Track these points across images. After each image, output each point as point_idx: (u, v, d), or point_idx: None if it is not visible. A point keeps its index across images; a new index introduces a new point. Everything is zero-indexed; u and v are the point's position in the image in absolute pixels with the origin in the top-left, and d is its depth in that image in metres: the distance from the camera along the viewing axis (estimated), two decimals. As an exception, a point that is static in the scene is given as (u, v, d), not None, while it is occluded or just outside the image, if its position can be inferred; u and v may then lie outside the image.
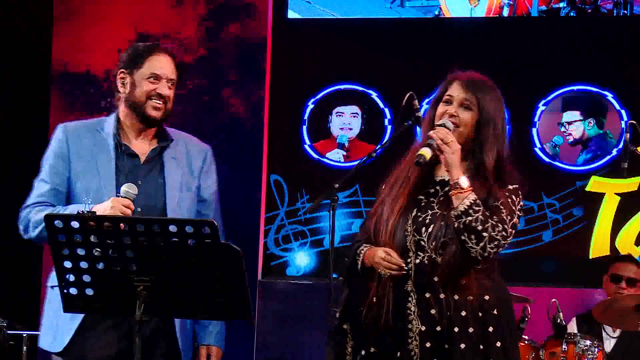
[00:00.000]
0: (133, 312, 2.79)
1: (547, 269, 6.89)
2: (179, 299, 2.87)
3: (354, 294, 3.36)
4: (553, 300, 5.53)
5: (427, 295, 3.17)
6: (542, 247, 6.84)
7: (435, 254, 3.15)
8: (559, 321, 5.43)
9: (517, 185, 3.19)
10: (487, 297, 3.18)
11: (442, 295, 3.16)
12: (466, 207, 3.06)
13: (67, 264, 2.85)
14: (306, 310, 6.87)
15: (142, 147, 3.40)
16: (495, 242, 3.10)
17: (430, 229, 3.18)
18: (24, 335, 5.59)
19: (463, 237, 3.07)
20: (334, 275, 5.97)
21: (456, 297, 3.15)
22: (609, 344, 5.76)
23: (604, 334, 5.81)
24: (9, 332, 5.38)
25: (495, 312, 3.17)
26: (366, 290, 3.29)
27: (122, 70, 3.39)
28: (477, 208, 3.07)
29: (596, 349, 5.27)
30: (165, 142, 3.47)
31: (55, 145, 3.37)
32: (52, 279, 3.36)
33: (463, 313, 3.14)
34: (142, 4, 7.42)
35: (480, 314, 3.15)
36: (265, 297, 7.02)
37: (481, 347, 3.15)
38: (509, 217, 3.12)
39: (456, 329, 3.13)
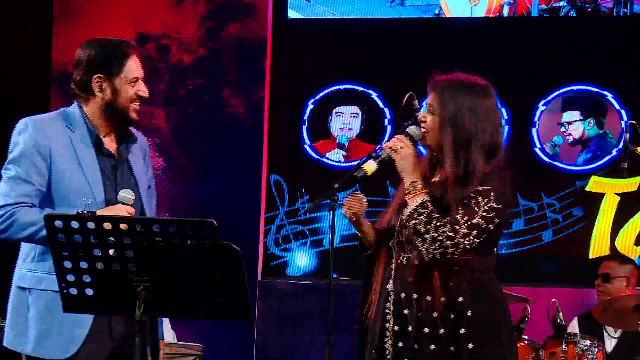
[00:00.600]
0: (133, 312, 2.79)
1: (547, 269, 6.89)
2: (179, 299, 2.87)
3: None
4: (553, 300, 5.53)
5: (402, 295, 3.19)
6: (542, 247, 6.85)
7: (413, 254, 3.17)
8: (559, 321, 5.43)
9: (488, 187, 3.13)
10: (461, 299, 3.15)
11: (414, 296, 3.17)
12: (411, 210, 3.09)
13: (67, 264, 2.84)
14: (306, 310, 6.87)
15: (111, 145, 3.35)
16: (438, 244, 3.06)
17: (407, 231, 3.20)
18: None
19: (413, 239, 3.10)
20: (334, 275, 5.98)
21: (428, 297, 3.15)
22: (609, 344, 5.76)
23: (604, 334, 5.82)
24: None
25: (469, 313, 3.15)
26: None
27: (98, 75, 3.27)
28: (422, 210, 3.08)
29: (596, 349, 5.27)
30: (133, 141, 3.40)
31: (34, 142, 3.22)
32: (21, 280, 3.28)
33: (435, 314, 3.14)
34: (142, 4, 7.42)
35: (452, 316, 3.14)
36: (265, 297, 7.02)
37: (452, 348, 3.14)
38: (465, 218, 3.07)
39: (426, 330, 3.14)
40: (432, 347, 3.14)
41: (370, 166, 3.23)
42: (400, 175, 3.18)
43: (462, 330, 3.12)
